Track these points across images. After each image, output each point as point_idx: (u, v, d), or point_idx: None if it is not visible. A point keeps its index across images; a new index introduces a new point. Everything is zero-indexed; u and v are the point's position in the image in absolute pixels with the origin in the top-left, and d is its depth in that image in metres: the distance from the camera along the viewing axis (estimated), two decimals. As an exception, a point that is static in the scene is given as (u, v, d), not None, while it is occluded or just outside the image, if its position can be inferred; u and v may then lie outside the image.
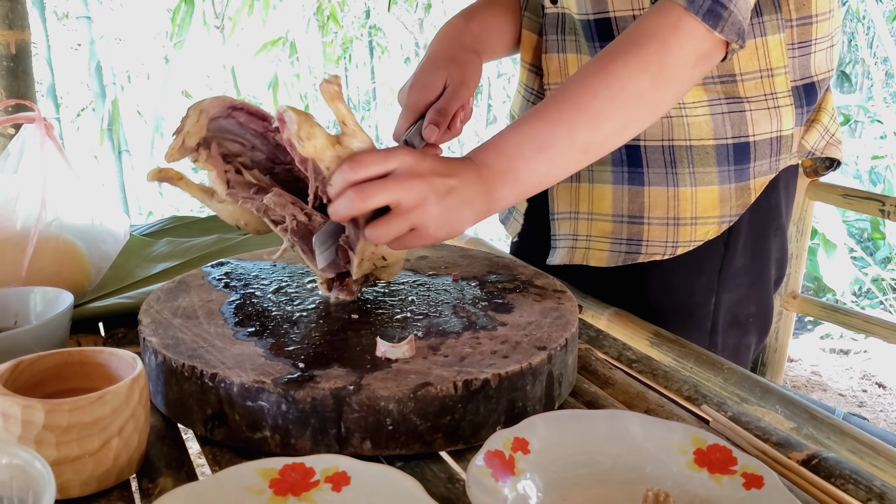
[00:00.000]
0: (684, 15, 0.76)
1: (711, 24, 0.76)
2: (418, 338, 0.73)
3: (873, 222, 4.02)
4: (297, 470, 0.57)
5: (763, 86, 0.92)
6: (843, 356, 3.32)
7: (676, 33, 0.76)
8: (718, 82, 0.91)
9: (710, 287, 0.99)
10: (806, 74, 0.94)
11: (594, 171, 1.00)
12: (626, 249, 0.99)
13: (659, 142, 0.95)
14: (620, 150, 0.97)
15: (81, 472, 0.58)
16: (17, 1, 1.81)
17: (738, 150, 0.94)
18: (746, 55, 0.90)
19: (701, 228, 0.96)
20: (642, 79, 0.76)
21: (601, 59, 0.78)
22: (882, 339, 1.89)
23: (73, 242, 0.92)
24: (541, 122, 0.76)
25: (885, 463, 0.68)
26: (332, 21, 4.84)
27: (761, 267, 1.01)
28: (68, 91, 4.96)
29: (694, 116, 0.93)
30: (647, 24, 0.78)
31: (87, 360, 0.64)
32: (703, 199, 0.95)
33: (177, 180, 0.79)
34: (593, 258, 1.01)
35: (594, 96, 0.76)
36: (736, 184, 0.95)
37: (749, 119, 0.93)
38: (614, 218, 0.99)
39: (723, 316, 1.00)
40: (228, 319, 0.77)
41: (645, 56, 0.76)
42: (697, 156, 0.94)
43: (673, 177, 0.95)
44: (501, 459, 0.58)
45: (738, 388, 0.81)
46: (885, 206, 1.73)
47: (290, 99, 5.10)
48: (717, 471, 0.60)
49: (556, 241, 1.05)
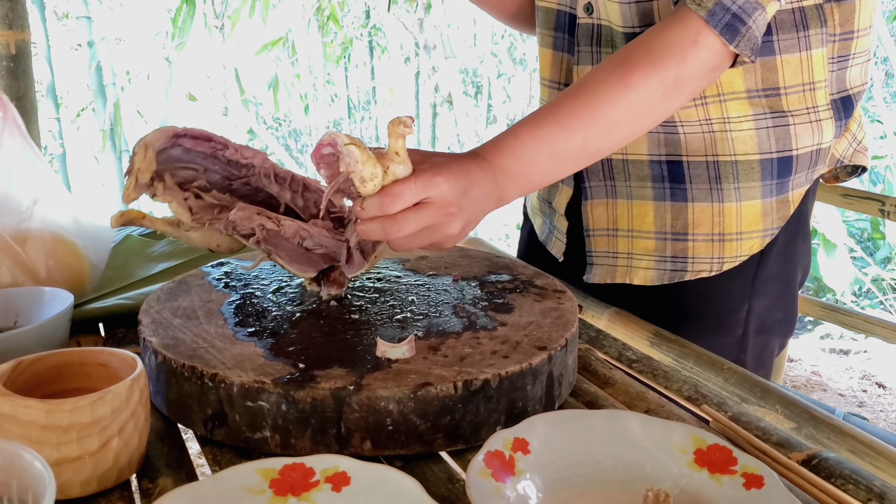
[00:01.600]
0: (704, 29, 0.77)
1: (728, 38, 0.77)
2: (418, 338, 0.73)
3: (873, 222, 4.02)
4: (297, 470, 0.57)
5: (805, 99, 0.91)
6: (843, 356, 3.32)
7: (695, 48, 0.78)
8: (763, 96, 0.91)
9: (744, 293, 0.98)
10: (842, 88, 0.94)
11: (632, 187, 0.98)
12: (672, 267, 0.98)
13: (703, 157, 0.94)
14: (661, 166, 0.96)
15: (81, 472, 0.58)
16: (17, 1, 1.80)
17: (782, 164, 0.93)
18: (791, 68, 0.90)
19: (746, 243, 0.96)
20: (658, 91, 0.78)
21: (621, 65, 0.78)
22: (882, 339, 1.89)
23: (72, 242, 0.92)
24: (558, 128, 0.77)
25: (885, 463, 0.68)
26: (333, 21, 4.84)
27: (790, 272, 1.01)
28: (68, 91, 4.95)
29: (739, 131, 0.92)
30: (668, 35, 0.78)
31: (87, 360, 0.64)
32: (748, 213, 0.94)
33: (140, 220, 0.79)
34: (637, 276, 1.00)
35: (611, 106, 0.78)
36: (777, 197, 0.95)
37: (793, 133, 0.92)
38: (657, 235, 0.98)
39: (753, 322, 0.99)
40: (228, 319, 0.77)
41: (663, 70, 0.77)
42: (743, 171, 0.93)
43: (718, 192, 0.94)
44: (501, 460, 0.58)
45: (738, 388, 0.81)
46: (885, 206, 1.73)
47: (291, 99, 5.10)
48: (717, 471, 0.60)
49: (593, 257, 1.03)
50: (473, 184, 0.73)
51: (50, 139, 4.06)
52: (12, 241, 0.86)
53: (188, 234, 0.81)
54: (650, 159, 0.96)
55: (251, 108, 5.32)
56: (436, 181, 0.70)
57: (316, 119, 5.36)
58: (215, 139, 0.80)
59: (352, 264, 0.79)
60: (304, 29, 4.85)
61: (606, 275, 1.02)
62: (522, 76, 5.17)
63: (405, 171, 0.71)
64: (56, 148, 4.09)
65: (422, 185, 0.70)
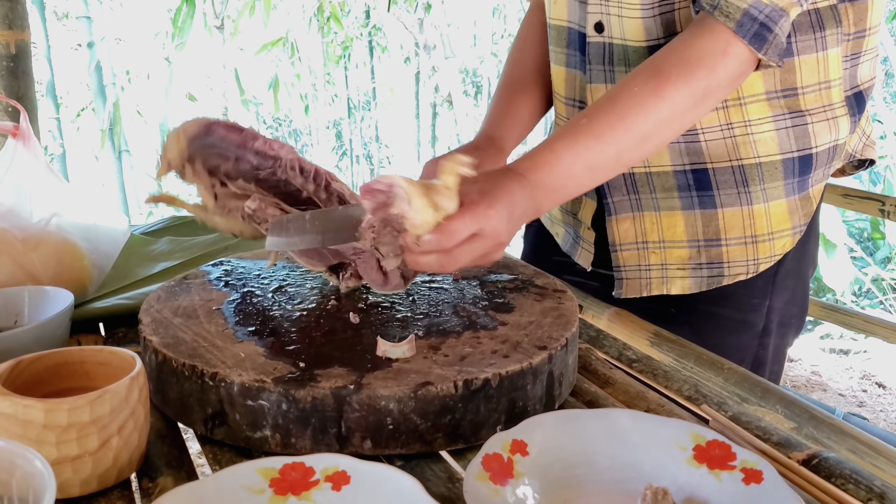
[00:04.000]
0: (733, 39, 0.78)
1: (757, 47, 0.78)
2: (419, 337, 0.73)
3: (873, 222, 4.03)
4: (297, 469, 0.57)
5: (822, 98, 0.92)
6: (843, 356, 3.32)
7: (725, 59, 0.78)
8: (781, 97, 0.91)
9: (765, 290, 0.98)
10: (854, 84, 0.95)
11: (658, 198, 0.98)
12: (709, 273, 0.98)
13: (727, 163, 0.94)
14: (686, 176, 0.96)
15: (81, 471, 0.58)
16: (17, 1, 1.80)
17: (803, 162, 0.94)
18: (808, 69, 0.90)
19: (778, 242, 0.96)
20: (689, 102, 0.79)
21: (653, 77, 0.79)
22: (882, 339, 1.89)
23: (73, 243, 0.92)
24: (594, 141, 0.78)
25: (885, 463, 0.68)
26: (334, 21, 4.84)
27: (805, 268, 1.02)
28: (68, 91, 4.96)
29: (760, 133, 0.93)
30: (699, 45, 0.79)
31: (87, 359, 0.64)
32: (776, 213, 0.95)
33: (171, 201, 0.86)
34: (675, 286, 0.99)
35: (645, 118, 0.78)
36: (800, 194, 0.95)
37: (811, 131, 0.93)
38: (690, 244, 0.98)
39: (774, 318, 1.00)
40: (229, 319, 0.77)
41: (695, 81, 0.78)
42: (767, 172, 0.94)
43: (746, 195, 0.95)
44: (500, 463, 0.58)
45: (738, 388, 0.81)
46: (885, 206, 1.74)
47: (291, 99, 5.10)
48: (716, 466, 0.60)
49: (622, 272, 1.02)
50: (516, 205, 0.74)
51: (50, 139, 4.07)
52: (21, 245, 0.87)
53: (214, 218, 0.84)
54: (674, 170, 0.96)
55: (251, 108, 5.33)
56: (489, 214, 0.71)
57: (316, 119, 5.36)
58: (246, 131, 0.82)
59: (388, 284, 0.82)
60: (304, 29, 4.85)
61: (641, 288, 1.01)
62: (522, 76, 5.15)
63: (453, 203, 0.71)
64: (56, 148, 4.09)
65: (476, 221, 0.70)
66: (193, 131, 0.81)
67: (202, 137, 0.81)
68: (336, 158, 5.65)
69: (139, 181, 4.65)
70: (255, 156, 0.82)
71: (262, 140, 0.81)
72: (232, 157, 0.82)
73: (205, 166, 0.82)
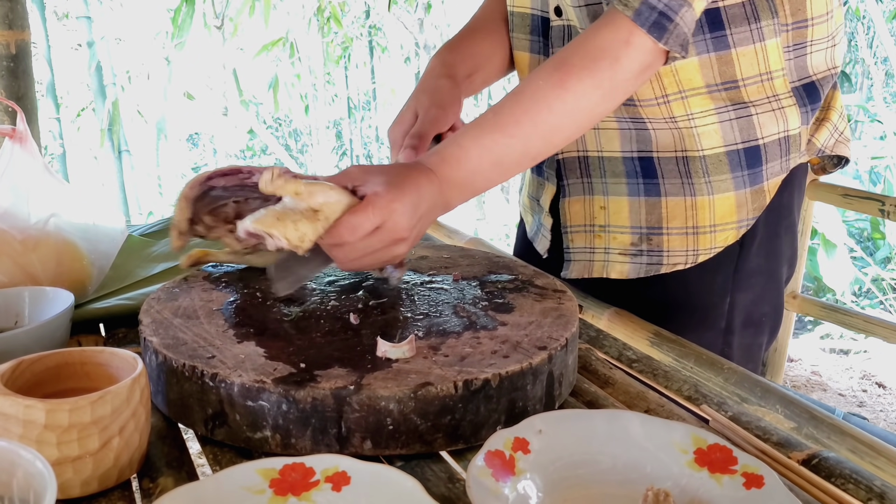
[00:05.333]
0: (635, 29, 0.78)
1: (656, 36, 0.78)
2: (419, 337, 0.73)
3: (873, 222, 4.02)
4: (297, 470, 0.57)
5: (764, 89, 0.92)
6: (843, 356, 3.32)
7: (627, 49, 0.79)
8: (723, 89, 0.92)
9: (725, 287, 0.99)
10: (804, 75, 0.94)
11: (608, 183, 0.99)
12: (648, 261, 0.99)
13: (672, 153, 0.95)
14: (634, 162, 0.97)
15: (82, 471, 0.58)
16: (17, 1, 1.80)
17: (750, 154, 0.94)
18: (747, 61, 0.90)
19: (720, 235, 0.96)
20: (595, 94, 0.79)
21: (557, 70, 0.79)
22: (882, 339, 1.89)
23: (73, 243, 0.92)
24: (500, 135, 0.79)
25: (885, 463, 0.68)
26: (334, 21, 4.84)
27: (774, 266, 1.01)
28: (68, 91, 4.96)
29: (703, 126, 0.93)
30: (602, 37, 0.80)
31: (87, 360, 0.65)
32: (721, 206, 0.95)
33: (205, 257, 0.89)
34: (614, 270, 1.01)
35: (550, 112, 0.79)
36: (751, 188, 0.95)
37: (756, 122, 0.93)
38: (633, 230, 0.99)
39: (738, 316, 1.00)
40: (229, 319, 0.77)
41: (598, 72, 0.79)
42: (711, 164, 0.94)
43: (689, 186, 0.95)
44: (502, 459, 0.59)
45: (738, 388, 0.81)
46: (885, 206, 1.73)
47: (291, 99, 5.10)
48: (717, 470, 0.60)
49: (571, 254, 1.04)
50: (423, 199, 0.75)
51: (50, 139, 4.07)
52: (21, 246, 0.87)
53: (247, 258, 0.89)
54: (623, 156, 0.97)
55: (251, 108, 5.33)
56: (393, 207, 0.72)
57: (316, 119, 5.36)
58: (242, 170, 0.86)
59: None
60: (304, 29, 4.85)
61: (583, 270, 1.03)
62: (522, 76, 5.15)
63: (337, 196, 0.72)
64: (56, 148, 4.09)
65: (379, 214, 0.71)
66: (194, 194, 0.85)
67: (207, 193, 0.86)
68: (336, 158, 5.65)
69: (139, 181, 4.65)
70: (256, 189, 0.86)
71: (256, 173, 0.86)
72: (243, 199, 0.87)
73: (216, 217, 0.86)
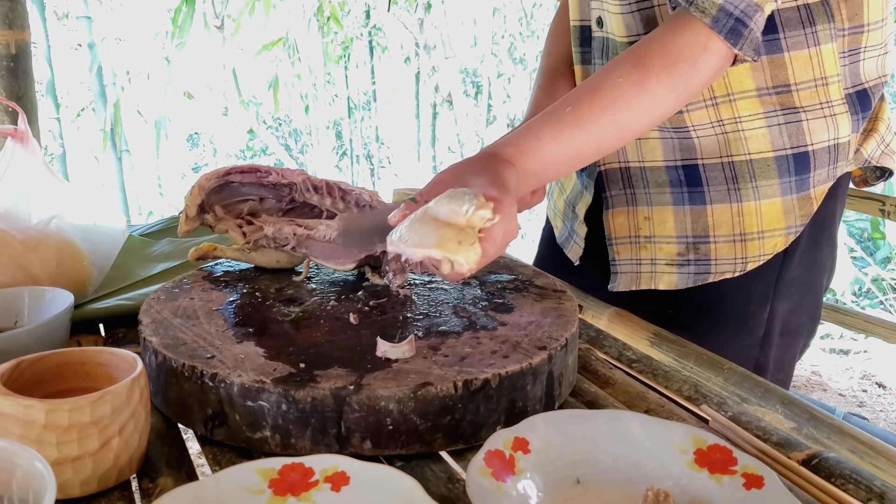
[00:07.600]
0: (712, 35, 0.78)
1: (732, 42, 0.78)
2: (418, 338, 0.73)
3: (873, 222, 4.02)
4: (296, 470, 0.57)
5: (818, 94, 0.91)
6: (843, 356, 3.32)
7: (705, 54, 0.79)
8: (773, 93, 0.91)
9: (766, 295, 0.98)
10: (857, 82, 0.94)
11: (651, 193, 0.99)
12: (696, 270, 0.98)
13: (717, 159, 0.94)
14: (678, 171, 0.96)
15: (82, 471, 0.58)
16: (17, 1, 1.80)
17: (798, 160, 0.93)
18: (801, 65, 0.90)
19: (769, 241, 0.95)
20: (671, 96, 0.79)
21: (636, 68, 0.79)
22: (882, 339, 1.89)
23: (73, 243, 0.92)
24: (578, 131, 0.78)
25: (885, 463, 0.68)
26: (333, 21, 4.84)
27: (815, 275, 1.00)
28: (68, 91, 4.96)
29: (751, 130, 0.92)
30: (680, 39, 0.79)
31: (87, 360, 0.64)
32: (768, 212, 0.94)
33: (212, 251, 0.91)
34: (662, 281, 1.00)
35: (628, 110, 0.79)
36: (797, 194, 0.95)
37: (806, 128, 0.92)
38: (679, 239, 0.98)
39: (776, 325, 0.99)
40: (228, 319, 0.77)
41: (677, 75, 0.79)
42: (759, 169, 0.93)
43: (735, 193, 0.94)
44: (502, 459, 0.59)
45: (738, 388, 0.81)
46: (885, 206, 1.73)
47: (291, 99, 5.10)
48: (717, 471, 0.60)
49: (617, 265, 1.03)
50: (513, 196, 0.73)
51: (50, 139, 4.07)
52: (21, 246, 0.87)
53: (251, 255, 0.90)
54: (666, 165, 0.97)
55: (251, 108, 5.32)
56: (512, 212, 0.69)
57: (316, 119, 5.36)
58: (260, 169, 0.89)
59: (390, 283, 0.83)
60: (304, 29, 4.85)
61: (631, 282, 1.02)
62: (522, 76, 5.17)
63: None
64: (56, 148, 4.09)
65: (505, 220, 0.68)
66: (211, 185, 0.87)
67: (223, 187, 0.88)
68: (336, 158, 5.65)
69: (139, 181, 4.65)
70: (273, 189, 0.90)
71: (274, 173, 0.88)
72: (258, 198, 0.90)
73: (228, 211, 0.89)
